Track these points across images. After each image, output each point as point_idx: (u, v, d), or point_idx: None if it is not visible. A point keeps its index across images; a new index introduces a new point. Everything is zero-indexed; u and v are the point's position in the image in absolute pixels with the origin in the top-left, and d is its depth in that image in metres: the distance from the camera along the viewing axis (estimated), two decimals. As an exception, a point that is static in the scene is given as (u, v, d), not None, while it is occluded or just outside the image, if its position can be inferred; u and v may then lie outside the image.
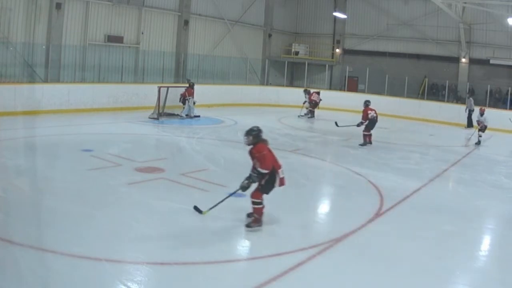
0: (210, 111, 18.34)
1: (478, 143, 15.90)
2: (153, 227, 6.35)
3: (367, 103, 14.27)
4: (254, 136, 6.53)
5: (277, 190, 8.64)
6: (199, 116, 17.15)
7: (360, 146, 13.88)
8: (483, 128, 16.06)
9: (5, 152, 9.92)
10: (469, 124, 20.70)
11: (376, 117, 14.13)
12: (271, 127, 16.48)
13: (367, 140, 14.02)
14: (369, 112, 13.95)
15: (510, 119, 18.73)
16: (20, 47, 16.30)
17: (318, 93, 21.10)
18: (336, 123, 14.71)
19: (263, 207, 6.57)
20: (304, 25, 30.18)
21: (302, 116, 20.33)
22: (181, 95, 17.43)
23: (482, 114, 16.22)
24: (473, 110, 20.41)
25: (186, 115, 17.09)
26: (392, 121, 21.41)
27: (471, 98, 21.26)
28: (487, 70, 24.37)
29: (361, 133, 13.97)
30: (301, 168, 10.52)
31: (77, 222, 6.23)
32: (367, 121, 13.85)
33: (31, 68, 16.55)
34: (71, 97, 16.41)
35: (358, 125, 13.99)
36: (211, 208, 6.68)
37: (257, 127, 6.66)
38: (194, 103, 17.36)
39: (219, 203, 6.71)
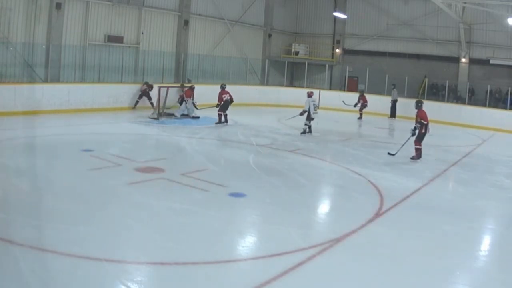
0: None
1: (304, 132, 14.95)
2: (153, 227, 6.35)
3: (222, 86, 16.45)
4: None
5: (277, 190, 8.68)
6: (198, 117, 17.16)
7: (215, 124, 15.99)
8: (304, 114, 14.90)
9: (5, 152, 9.93)
10: (392, 114, 22.43)
11: (230, 99, 16.17)
12: (271, 127, 16.49)
13: (221, 119, 16.11)
14: (224, 95, 16.10)
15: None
16: (20, 47, 16.29)
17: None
18: (194, 105, 17.30)
19: None
20: (304, 25, 30.17)
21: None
22: (180, 95, 17.44)
23: (309, 96, 15.11)
24: (396, 100, 21.95)
25: (182, 115, 17.09)
26: (392, 121, 21.43)
27: (395, 89, 22.62)
28: (487, 70, 24.35)
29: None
30: (301, 168, 10.52)
31: (77, 222, 6.23)
32: (222, 103, 16.10)
33: (31, 68, 16.54)
34: (71, 97, 16.41)
35: (216, 106, 16.28)
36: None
37: None
38: (194, 104, 17.39)
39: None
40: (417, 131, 12.01)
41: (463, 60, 25.21)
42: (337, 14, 27.71)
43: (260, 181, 9.24)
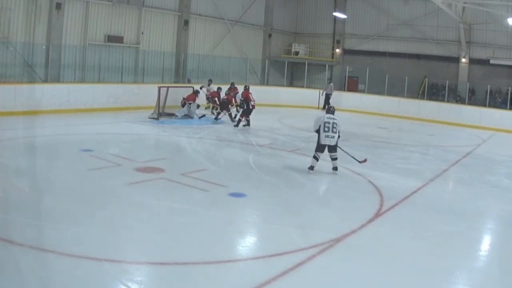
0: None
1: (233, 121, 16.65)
2: (153, 227, 6.35)
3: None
4: None
5: (277, 190, 8.68)
6: (204, 115, 17.17)
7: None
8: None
9: (5, 152, 9.93)
10: (325, 107, 23.01)
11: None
12: (271, 127, 16.51)
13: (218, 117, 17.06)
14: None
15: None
16: (20, 47, 16.30)
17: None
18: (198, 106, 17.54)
19: None
20: (304, 25, 30.17)
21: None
22: (184, 98, 17.21)
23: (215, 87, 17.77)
24: (331, 94, 23.35)
25: (185, 115, 17.02)
26: (392, 121, 21.45)
27: (331, 84, 23.79)
28: (487, 70, 24.36)
29: None
30: (301, 168, 10.51)
31: (77, 222, 6.23)
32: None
33: (31, 68, 16.54)
34: (71, 97, 16.39)
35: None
36: None
37: None
38: (198, 106, 17.25)
39: None
40: (244, 107, 15.79)
41: (463, 60, 25.22)
42: (337, 14, 27.71)
43: (260, 181, 9.25)
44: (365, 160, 10.53)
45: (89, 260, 5.13)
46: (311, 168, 10.07)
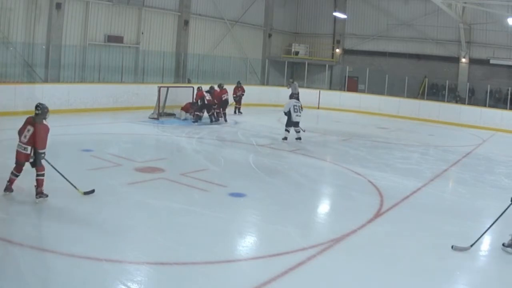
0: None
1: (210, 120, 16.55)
2: (153, 227, 6.34)
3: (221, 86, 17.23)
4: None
5: (277, 190, 8.68)
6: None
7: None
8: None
9: (5, 152, 9.92)
10: None
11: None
12: (271, 127, 16.51)
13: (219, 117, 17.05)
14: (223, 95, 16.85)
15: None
16: (20, 47, 16.30)
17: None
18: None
19: None
20: (304, 25, 30.18)
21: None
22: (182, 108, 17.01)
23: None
24: (296, 94, 21.27)
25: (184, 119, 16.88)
26: (392, 121, 21.44)
27: (295, 83, 22.64)
28: (487, 70, 24.37)
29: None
30: (301, 168, 10.52)
31: (77, 222, 6.23)
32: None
33: (31, 68, 16.54)
34: (71, 97, 16.40)
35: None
36: None
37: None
38: (183, 114, 17.03)
39: None
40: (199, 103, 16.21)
41: (463, 60, 25.22)
42: (337, 14, 27.72)
43: (260, 181, 9.24)
44: (304, 130, 13.84)
45: (89, 260, 5.12)
46: (285, 138, 13.43)
